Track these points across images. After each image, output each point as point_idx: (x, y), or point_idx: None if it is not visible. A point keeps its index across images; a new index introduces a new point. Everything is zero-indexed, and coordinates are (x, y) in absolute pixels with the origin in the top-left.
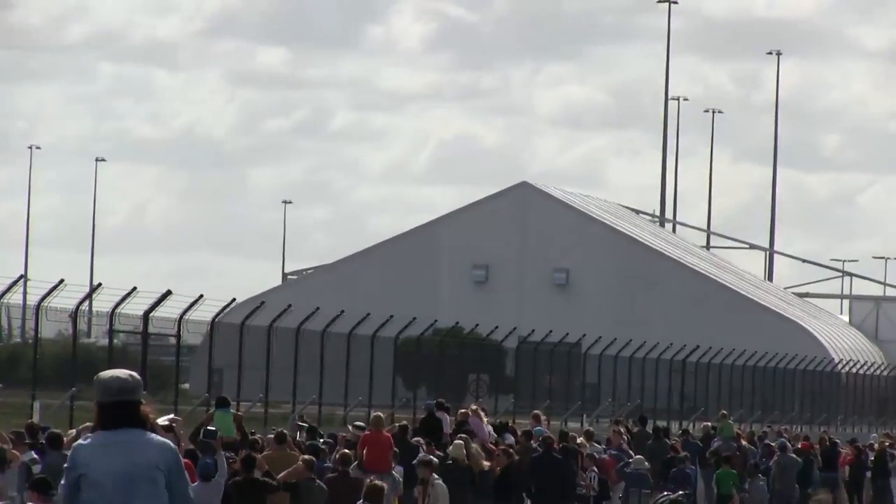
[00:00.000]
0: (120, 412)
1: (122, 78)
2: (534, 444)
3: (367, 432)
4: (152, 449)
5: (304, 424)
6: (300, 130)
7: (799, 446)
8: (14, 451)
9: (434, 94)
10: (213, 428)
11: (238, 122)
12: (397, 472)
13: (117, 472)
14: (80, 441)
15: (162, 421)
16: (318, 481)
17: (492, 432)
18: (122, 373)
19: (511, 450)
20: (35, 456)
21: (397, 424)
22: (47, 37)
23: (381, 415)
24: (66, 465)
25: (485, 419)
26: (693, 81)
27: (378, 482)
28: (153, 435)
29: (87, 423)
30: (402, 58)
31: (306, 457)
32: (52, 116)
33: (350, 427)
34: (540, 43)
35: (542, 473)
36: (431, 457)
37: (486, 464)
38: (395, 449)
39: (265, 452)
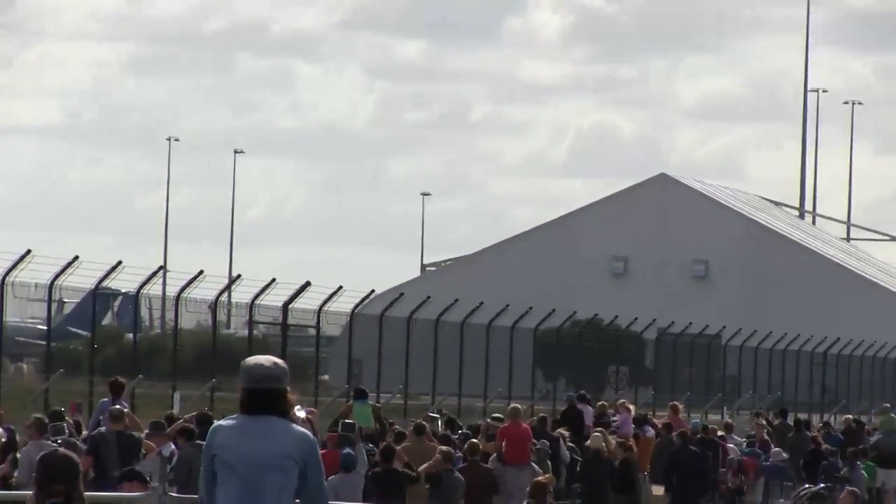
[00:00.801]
0: (261, 399)
1: (262, 70)
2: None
3: (505, 424)
4: (289, 439)
5: (437, 416)
6: (439, 123)
7: None
8: (149, 443)
9: (573, 86)
10: (351, 421)
11: (377, 115)
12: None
13: (249, 458)
14: (220, 422)
15: (299, 413)
16: (456, 472)
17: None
18: (266, 360)
19: (629, 442)
20: (174, 447)
21: (535, 417)
22: (188, 29)
23: (519, 406)
24: (205, 444)
25: (632, 413)
26: (833, 73)
27: (542, 479)
28: (293, 425)
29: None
30: (541, 49)
31: (444, 448)
32: (191, 108)
33: (488, 419)
34: (679, 34)
35: (681, 466)
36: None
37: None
38: (534, 441)
39: (404, 444)
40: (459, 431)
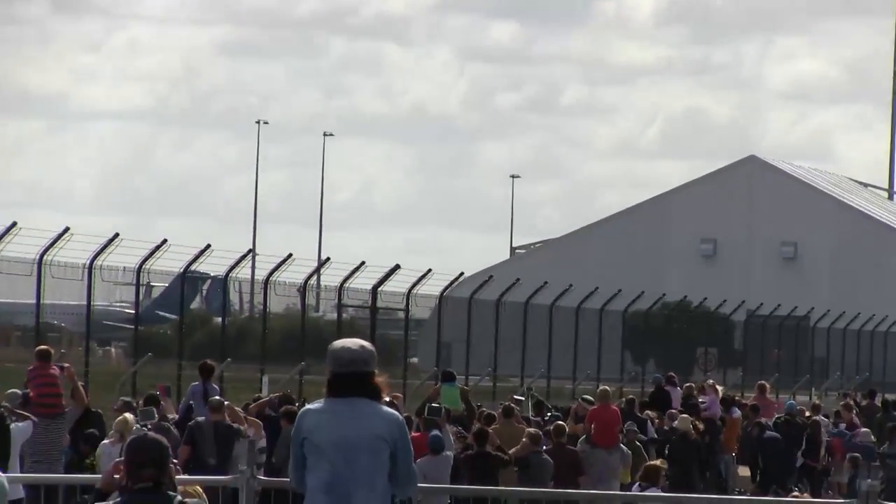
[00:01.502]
0: (350, 383)
1: (353, 53)
2: (764, 420)
3: (594, 407)
4: (379, 419)
5: (522, 398)
6: (530, 106)
7: None
8: (256, 420)
9: (665, 69)
10: (437, 405)
11: (468, 98)
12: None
13: (340, 439)
14: (309, 406)
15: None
16: (544, 455)
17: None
18: (353, 343)
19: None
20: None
21: (624, 399)
22: (278, 11)
23: (609, 388)
24: (293, 428)
25: (719, 394)
26: None
27: (657, 462)
28: (381, 406)
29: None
30: (633, 32)
31: (532, 431)
32: (280, 91)
33: (580, 400)
34: (771, 17)
35: (763, 451)
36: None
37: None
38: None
39: (493, 426)
40: (549, 413)
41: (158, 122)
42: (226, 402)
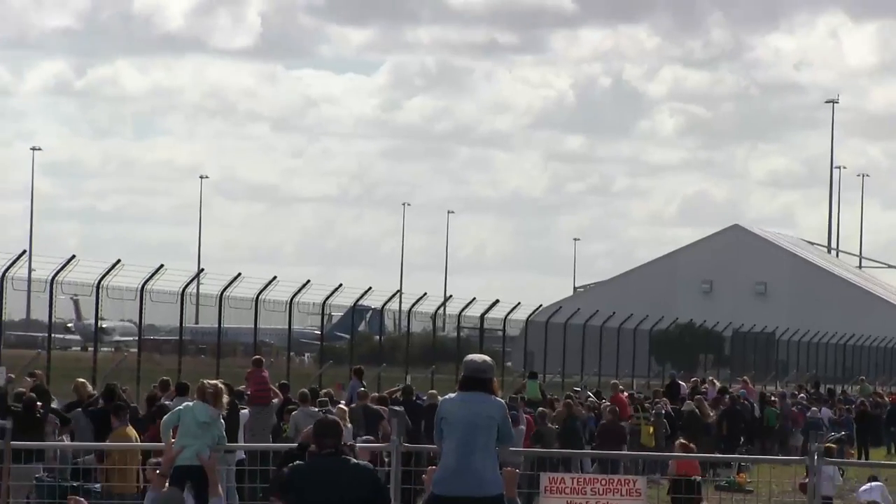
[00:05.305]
0: (475, 383)
1: (472, 156)
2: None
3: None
4: (491, 406)
5: (578, 389)
6: (590, 191)
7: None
8: (396, 408)
9: (681, 166)
10: (516, 395)
11: (548, 186)
12: None
13: (466, 418)
14: (446, 396)
15: None
16: (585, 422)
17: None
18: (480, 358)
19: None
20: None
21: (652, 389)
22: (422, 128)
23: (617, 382)
24: (437, 411)
25: (717, 386)
26: (855, 155)
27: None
28: (493, 397)
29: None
30: (660, 141)
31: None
32: (421, 183)
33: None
34: (752, 128)
35: (732, 418)
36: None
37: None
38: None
39: (558, 410)
40: (603, 400)
41: (340, 203)
42: (369, 394)
